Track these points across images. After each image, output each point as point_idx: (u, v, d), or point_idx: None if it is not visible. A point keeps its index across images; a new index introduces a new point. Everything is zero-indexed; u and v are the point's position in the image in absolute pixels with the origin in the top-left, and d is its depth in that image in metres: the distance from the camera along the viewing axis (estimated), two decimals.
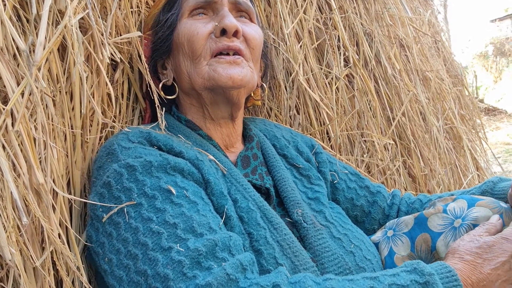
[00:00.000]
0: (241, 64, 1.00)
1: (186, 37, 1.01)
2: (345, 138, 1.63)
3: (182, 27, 1.03)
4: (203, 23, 1.02)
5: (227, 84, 0.97)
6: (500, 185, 1.05)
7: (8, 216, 0.74)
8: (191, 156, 0.91)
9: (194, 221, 0.77)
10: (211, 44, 0.99)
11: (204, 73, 0.99)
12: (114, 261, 0.77)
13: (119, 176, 0.83)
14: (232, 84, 0.97)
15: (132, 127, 0.95)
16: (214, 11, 1.04)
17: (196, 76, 1.00)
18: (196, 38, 1.00)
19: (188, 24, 1.02)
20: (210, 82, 0.98)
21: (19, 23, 0.87)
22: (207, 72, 0.99)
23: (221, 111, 1.05)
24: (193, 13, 1.04)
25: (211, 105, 1.04)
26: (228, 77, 0.97)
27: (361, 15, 1.85)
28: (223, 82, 0.97)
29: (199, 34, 1.00)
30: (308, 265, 0.87)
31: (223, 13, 1.01)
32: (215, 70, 0.98)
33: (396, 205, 1.23)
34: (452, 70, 2.68)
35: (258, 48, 1.06)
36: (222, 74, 0.97)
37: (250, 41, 1.03)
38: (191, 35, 1.00)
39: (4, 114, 0.75)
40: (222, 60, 0.98)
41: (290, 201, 1.00)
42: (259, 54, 1.08)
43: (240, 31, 1.00)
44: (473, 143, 2.51)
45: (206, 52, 1.00)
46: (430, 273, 0.73)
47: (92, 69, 1.00)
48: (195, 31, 1.00)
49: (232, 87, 0.98)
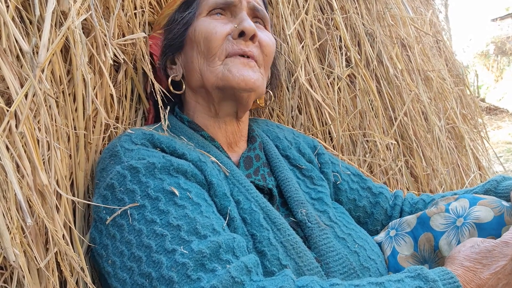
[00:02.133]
0: (253, 69, 1.00)
1: (203, 35, 1.01)
2: (347, 138, 1.63)
3: (200, 24, 1.03)
4: (221, 23, 1.02)
5: (240, 85, 0.97)
6: (503, 184, 1.05)
7: (12, 217, 0.74)
8: (194, 158, 0.91)
9: (198, 223, 0.77)
10: (227, 45, 0.99)
11: (218, 72, 0.99)
12: (118, 264, 0.77)
13: (122, 178, 0.83)
14: (244, 86, 0.97)
15: (135, 128, 0.95)
16: (232, 14, 1.04)
17: (210, 74, 1.00)
18: (214, 37, 0.99)
19: (207, 22, 1.02)
20: (223, 81, 0.98)
21: (22, 24, 0.87)
22: (221, 72, 0.98)
23: (228, 108, 1.04)
24: (211, 12, 1.04)
25: (219, 102, 1.03)
26: (242, 78, 0.97)
27: (362, 15, 1.85)
28: (236, 83, 0.97)
29: (217, 34, 0.99)
30: (312, 266, 0.86)
31: (242, 16, 1.01)
32: (229, 70, 0.97)
33: (399, 206, 1.23)
34: (454, 70, 2.68)
35: (271, 55, 1.07)
36: (236, 75, 0.97)
37: (265, 48, 1.04)
38: (209, 34, 1.00)
39: (8, 116, 0.75)
40: (237, 61, 0.98)
41: (294, 201, 1.00)
42: (271, 61, 1.09)
43: (257, 35, 1.01)
44: (475, 143, 2.51)
45: (221, 52, 0.99)
46: (433, 279, 0.73)
47: (95, 70, 1.00)
48: (213, 30, 1.00)
49: (244, 89, 0.98)
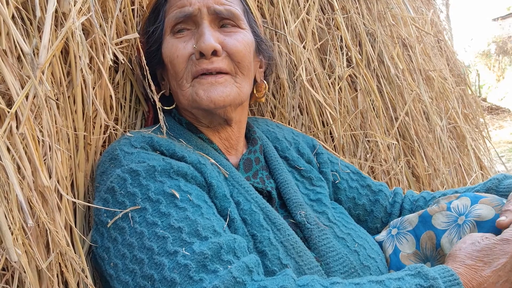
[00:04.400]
0: (224, 84, 0.97)
1: (168, 59, 1.00)
2: (349, 138, 1.63)
3: (165, 46, 1.01)
4: (183, 43, 0.98)
5: (209, 106, 0.95)
6: (505, 183, 1.06)
7: (14, 218, 0.74)
8: (193, 160, 0.91)
9: (199, 225, 0.77)
10: (191, 67, 0.97)
11: (188, 95, 0.98)
12: (120, 266, 0.78)
13: (123, 181, 0.83)
14: (214, 106, 0.96)
15: (134, 131, 0.95)
16: (196, 24, 0.99)
17: (182, 97, 0.99)
18: (176, 61, 0.98)
19: (170, 44, 1.00)
20: (194, 104, 0.97)
21: (22, 23, 0.87)
22: (190, 94, 0.97)
23: (215, 120, 1.03)
24: (174, 29, 1.01)
25: (204, 118, 1.03)
26: (209, 100, 0.95)
27: (363, 15, 1.84)
28: (205, 105, 0.95)
29: (179, 58, 0.97)
30: (313, 265, 0.87)
31: (201, 30, 0.97)
32: (196, 93, 0.96)
33: (399, 203, 1.23)
34: (455, 69, 2.67)
35: (244, 59, 1.00)
36: (203, 98, 0.95)
37: (234, 55, 0.98)
38: (172, 58, 0.98)
39: (9, 117, 0.75)
40: (203, 81, 0.96)
41: (293, 202, 1.01)
42: (248, 62, 1.02)
43: (219, 49, 0.96)
44: (476, 142, 2.50)
45: (187, 74, 0.97)
46: (434, 277, 0.73)
47: (94, 71, 1.00)
48: (175, 54, 0.98)
49: (214, 109, 0.97)
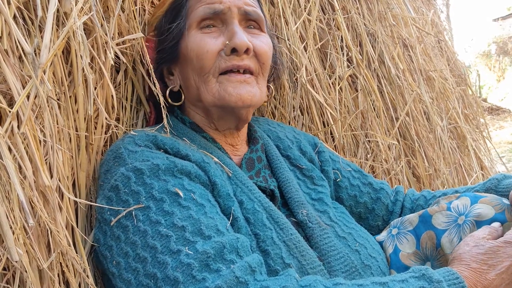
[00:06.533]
0: (251, 84, 0.98)
1: (195, 53, 0.98)
2: (349, 138, 1.63)
3: (191, 40, 0.99)
4: (213, 38, 0.98)
5: (237, 104, 0.96)
6: (504, 182, 1.06)
7: (15, 217, 0.74)
8: (197, 159, 0.91)
9: (202, 224, 0.77)
10: (220, 62, 0.97)
11: (214, 91, 0.97)
12: (123, 264, 0.77)
13: (127, 179, 0.83)
14: (242, 105, 0.96)
15: (137, 130, 0.95)
16: (224, 22, 1.00)
17: (206, 93, 0.98)
18: (205, 56, 0.97)
19: (198, 38, 0.99)
20: (220, 101, 0.97)
21: (23, 23, 0.87)
22: (217, 91, 0.97)
23: (228, 123, 1.04)
24: (201, 24, 1.00)
25: (218, 119, 1.03)
26: (239, 97, 0.96)
27: (364, 16, 1.85)
28: (233, 102, 0.96)
29: (208, 52, 0.97)
30: (315, 264, 0.87)
31: (233, 28, 0.97)
32: (225, 90, 0.96)
33: (400, 201, 1.23)
34: (456, 70, 2.67)
35: (268, 61, 1.03)
36: (232, 94, 0.95)
37: (261, 56, 1.00)
38: (201, 52, 0.97)
39: (10, 117, 0.75)
40: (232, 79, 0.96)
41: (295, 202, 1.01)
42: (269, 65, 1.05)
43: (251, 48, 0.97)
44: (477, 143, 2.51)
45: (215, 69, 0.97)
46: (438, 280, 0.73)
47: (95, 71, 1.00)
48: (205, 49, 0.97)
49: (242, 107, 0.97)
